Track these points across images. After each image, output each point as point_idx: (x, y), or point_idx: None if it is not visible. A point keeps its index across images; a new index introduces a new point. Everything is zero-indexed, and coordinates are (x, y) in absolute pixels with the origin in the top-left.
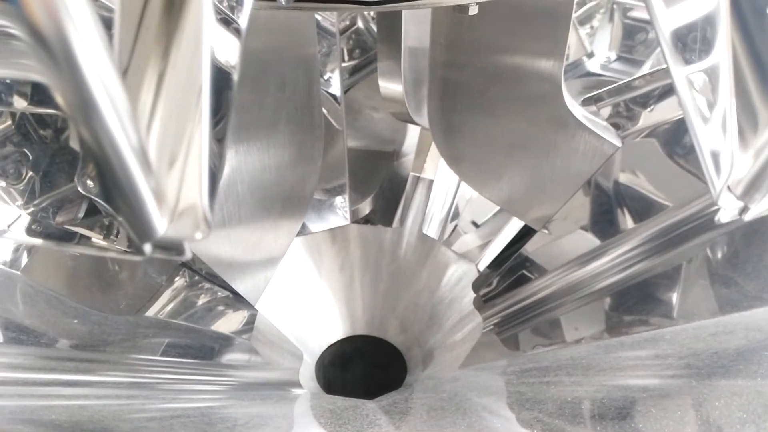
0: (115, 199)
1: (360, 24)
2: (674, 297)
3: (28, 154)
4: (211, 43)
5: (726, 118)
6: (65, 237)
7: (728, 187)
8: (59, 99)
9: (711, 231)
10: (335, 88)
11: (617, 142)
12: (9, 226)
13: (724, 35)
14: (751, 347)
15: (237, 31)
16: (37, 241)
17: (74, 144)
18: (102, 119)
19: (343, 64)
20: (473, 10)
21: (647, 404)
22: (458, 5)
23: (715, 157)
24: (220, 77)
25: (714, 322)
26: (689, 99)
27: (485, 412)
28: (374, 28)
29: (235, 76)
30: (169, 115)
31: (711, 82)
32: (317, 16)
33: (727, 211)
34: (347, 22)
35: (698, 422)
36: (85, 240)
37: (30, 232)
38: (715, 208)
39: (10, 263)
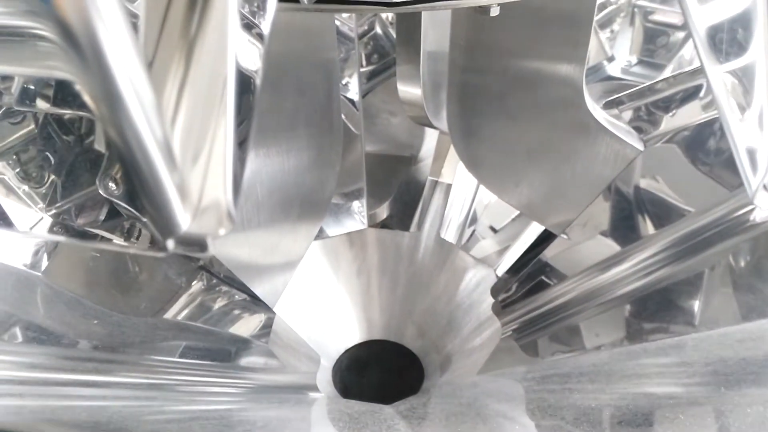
0: (138, 195)
1: (378, 29)
2: (696, 305)
3: (51, 157)
4: (237, 40)
5: (763, 115)
6: (87, 237)
7: (765, 186)
8: (85, 95)
9: (733, 237)
10: (353, 92)
11: (640, 146)
12: (31, 229)
13: (761, 31)
14: None
15: (260, 36)
16: (60, 238)
17: (99, 146)
18: (128, 113)
19: (361, 69)
20: (494, 12)
21: (675, 411)
22: (480, 6)
23: (751, 154)
24: (243, 82)
25: (740, 329)
26: (725, 97)
27: (505, 419)
28: (392, 33)
29: (258, 81)
30: (194, 110)
31: (747, 80)
32: (336, 22)
33: (764, 210)
34: (365, 27)
35: (730, 431)
36: (106, 240)
37: (52, 233)
38: (741, 212)
39: (31, 265)
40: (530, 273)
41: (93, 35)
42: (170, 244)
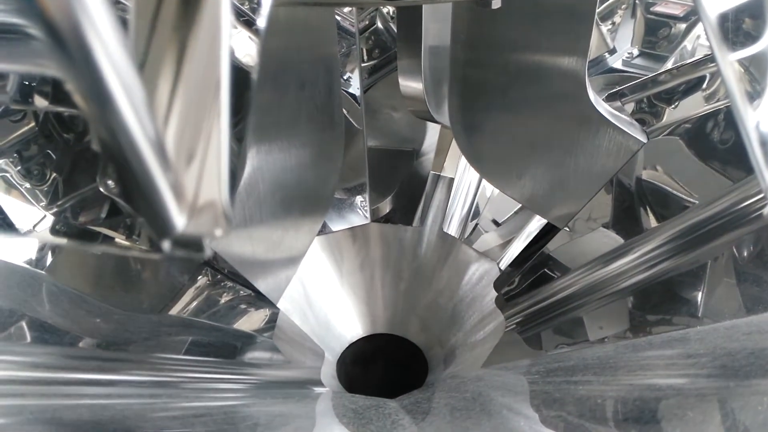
0: (133, 196)
1: (379, 24)
2: (699, 296)
3: (52, 155)
4: (230, 38)
5: None
6: (88, 237)
7: None
8: (75, 94)
9: (737, 229)
10: (355, 87)
11: (643, 138)
12: (34, 227)
13: None
14: None
15: (255, 32)
16: (62, 241)
17: (96, 146)
18: (118, 112)
19: (363, 64)
20: (496, 4)
21: (683, 407)
22: None
23: (765, 148)
24: (239, 77)
25: (746, 322)
26: (737, 86)
27: (510, 412)
28: (393, 28)
29: (254, 76)
30: (188, 110)
31: (760, 69)
32: (336, 17)
33: None
34: (366, 22)
35: (741, 427)
36: (108, 240)
37: (54, 232)
38: (745, 204)
39: (36, 262)
40: (533, 266)
41: (79, 32)
42: (166, 245)
